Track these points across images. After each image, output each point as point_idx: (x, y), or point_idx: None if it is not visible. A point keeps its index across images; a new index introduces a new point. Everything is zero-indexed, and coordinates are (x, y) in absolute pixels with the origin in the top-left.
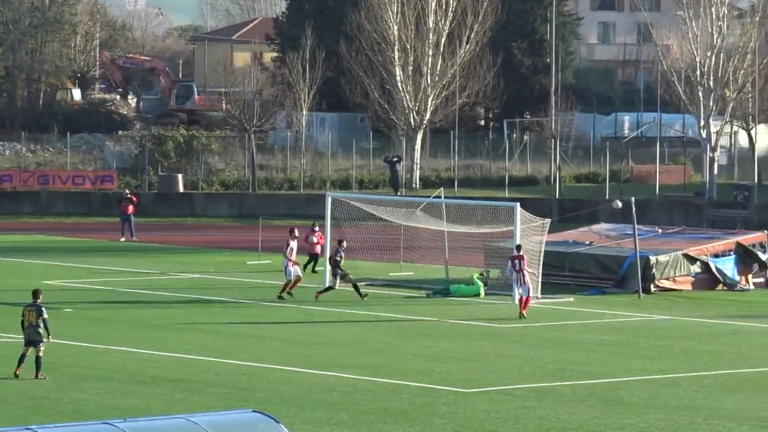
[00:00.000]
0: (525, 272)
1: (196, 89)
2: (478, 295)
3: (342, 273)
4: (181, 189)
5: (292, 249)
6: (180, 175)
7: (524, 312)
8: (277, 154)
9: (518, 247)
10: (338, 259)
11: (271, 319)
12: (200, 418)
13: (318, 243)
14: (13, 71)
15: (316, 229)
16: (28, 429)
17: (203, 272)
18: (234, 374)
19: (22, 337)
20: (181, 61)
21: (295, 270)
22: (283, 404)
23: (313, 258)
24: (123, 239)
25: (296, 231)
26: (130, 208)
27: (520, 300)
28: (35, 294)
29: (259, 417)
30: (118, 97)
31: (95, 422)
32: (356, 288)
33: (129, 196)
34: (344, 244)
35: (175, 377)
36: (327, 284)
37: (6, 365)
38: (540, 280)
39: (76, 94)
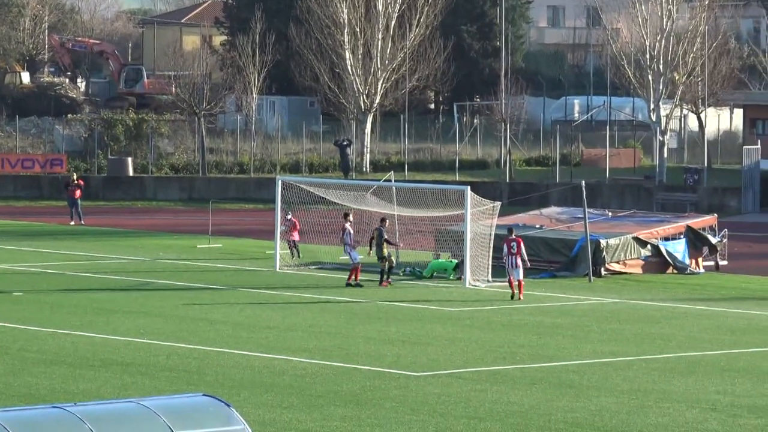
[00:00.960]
0: (520, 255)
1: (145, 73)
2: (451, 270)
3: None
4: (130, 173)
5: (350, 233)
6: (130, 159)
7: (521, 295)
8: (227, 138)
9: (510, 230)
10: (381, 241)
11: (221, 303)
12: (151, 402)
13: (295, 230)
14: None
15: (289, 215)
16: None
17: (153, 256)
18: (184, 358)
19: None
20: (130, 45)
21: (357, 254)
22: (234, 388)
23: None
24: (72, 223)
25: (351, 215)
26: (78, 192)
27: (519, 283)
28: None
29: (210, 401)
30: (67, 80)
31: (46, 406)
32: (386, 274)
33: (76, 180)
34: (386, 222)
35: (125, 361)
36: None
37: None
38: (490, 263)
39: (25, 77)
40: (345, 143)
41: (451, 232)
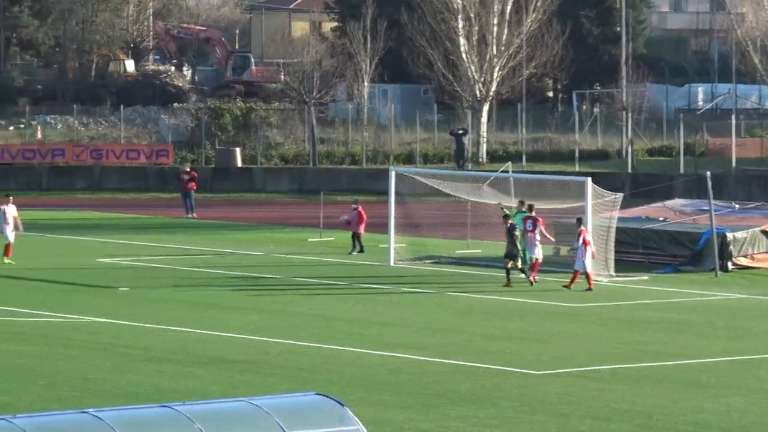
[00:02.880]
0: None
1: (253, 60)
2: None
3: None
4: (239, 163)
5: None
6: (238, 149)
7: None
8: (339, 128)
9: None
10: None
11: (334, 298)
12: (262, 401)
13: (363, 221)
14: (64, 42)
15: (355, 206)
16: (84, 412)
17: (263, 250)
18: (296, 355)
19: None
20: (237, 31)
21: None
22: (348, 387)
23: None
24: (188, 216)
25: (525, 204)
26: (192, 184)
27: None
28: None
29: (323, 400)
30: (172, 68)
31: (153, 405)
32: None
33: (189, 172)
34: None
35: (235, 359)
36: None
37: (60, 345)
38: (612, 257)
39: (130, 65)
40: (460, 133)
41: (571, 225)
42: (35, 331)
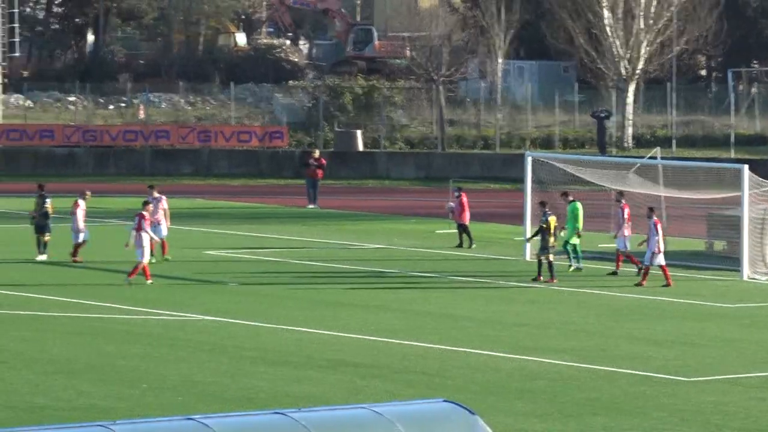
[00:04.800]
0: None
1: (376, 34)
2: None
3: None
4: (360, 147)
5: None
6: (359, 132)
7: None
8: (469, 108)
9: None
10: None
11: (464, 296)
12: (385, 408)
13: (465, 210)
14: (170, 13)
15: (458, 193)
16: (190, 419)
17: (387, 242)
18: (423, 358)
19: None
20: (359, 2)
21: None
22: (479, 393)
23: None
24: (311, 206)
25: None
26: (320, 172)
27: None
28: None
29: (452, 407)
30: (287, 42)
31: (267, 411)
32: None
33: (317, 158)
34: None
35: (356, 361)
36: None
37: (166, 345)
38: None
39: (241, 39)
40: (603, 115)
41: (725, 217)
42: (139, 330)
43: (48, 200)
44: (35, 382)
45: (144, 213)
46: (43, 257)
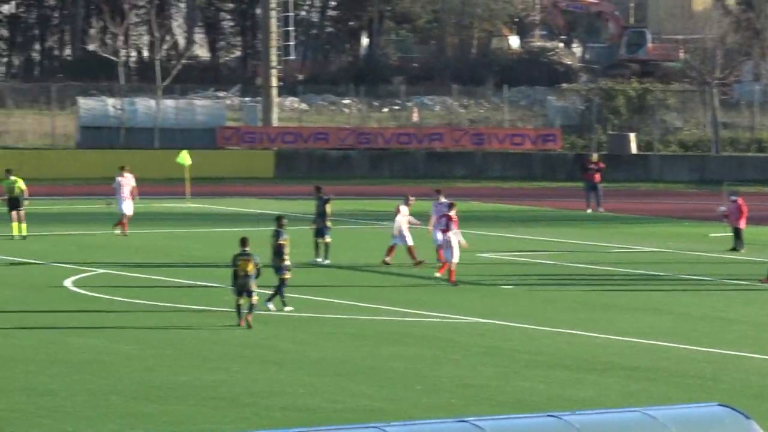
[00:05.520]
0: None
1: (649, 36)
2: None
3: None
4: (633, 150)
5: None
6: (632, 135)
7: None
8: (743, 111)
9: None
10: None
11: (738, 301)
12: (658, 412)
13: (743, 215)
14: (443, 16)
15: (734, 198)
16: (464, 421)
17: (661, 246)
18: (697, 362)
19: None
20: (632, 5)
21: None
22: (755, 397)
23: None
24: (589, 210)
25: None
26: (597, 176)
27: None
28: (244, 242)
29: (726, 411)
30: (560, 45)
31: (539, 414)
32: None
33: (596, 162)
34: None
35: (630, 365)
36: None
37: (439, 348)
38: None
39: (514, 41)
40: None
41: None
42: (412, 332)
43: (328, 203)
44: (310, 383)
45: (451, 214)
46: (325, 261)
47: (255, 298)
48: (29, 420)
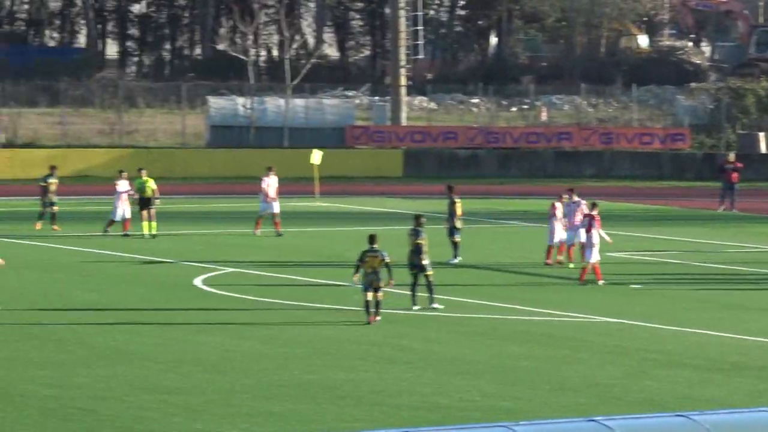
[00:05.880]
0: None
1: None
2: None
3: None
4: (763, 149)
5: None
6: (761, 134)
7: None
8: None
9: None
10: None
11: None
12: None
13: None
14: (572, 15)
15: None
16: (593, 420)
17: None
18: None
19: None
20: (761, 3)
21: None
22: None
23: None
24: (722, 209)
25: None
26: (734, 175)
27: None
28: (372, 239)
29: None
30: (690, 44)
31: (667, 414)
32: None
33: (732, 162)
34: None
35: (758, 365)
36: None
37: (566, 347)
38: None
39: (643, 41)
40: None
41: None
42: (539, 331)
43: (457, 202)
44: (438, 382)
45: (593, 214)
46: (457, 260)
47: (381, 295)
48: (159, 419)
